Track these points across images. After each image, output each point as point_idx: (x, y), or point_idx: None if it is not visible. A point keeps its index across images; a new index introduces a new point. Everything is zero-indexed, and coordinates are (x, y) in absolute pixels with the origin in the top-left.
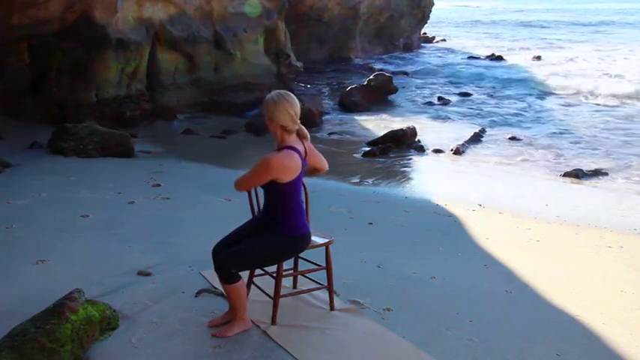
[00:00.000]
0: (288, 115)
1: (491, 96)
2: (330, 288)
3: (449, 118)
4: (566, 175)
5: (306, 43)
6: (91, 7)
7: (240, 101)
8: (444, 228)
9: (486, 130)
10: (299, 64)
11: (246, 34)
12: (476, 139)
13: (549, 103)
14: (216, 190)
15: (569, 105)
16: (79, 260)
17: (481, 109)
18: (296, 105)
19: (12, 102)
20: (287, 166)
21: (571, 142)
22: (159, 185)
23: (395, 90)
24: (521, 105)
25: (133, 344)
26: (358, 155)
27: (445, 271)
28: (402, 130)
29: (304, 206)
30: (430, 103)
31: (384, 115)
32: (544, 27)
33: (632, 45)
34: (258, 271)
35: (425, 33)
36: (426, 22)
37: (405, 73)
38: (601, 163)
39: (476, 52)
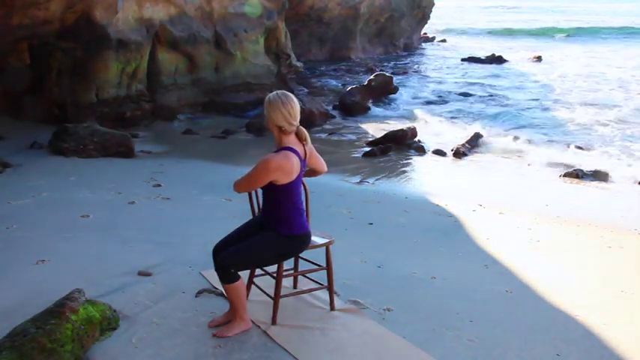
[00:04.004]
0: (283, 116)
1: (491, 96)
2: (330, 288)
3: (449, 118)
4: (567, 175)
5: (306, 44)
6: (91, 8)
7: (240, 101)
8: (444, 228)
9: (487, 130)
10: (299, 64)
11: (246, 34)
12: (476, 139)
13: (549, 104)
14: (216, 190)
15: (570, 106)
16: (79, 260)
17: (481, 110)
18: (293, 106)
19: (12, 102)
20: (284, 168)
21: (571, 143)
22: (159, 185)
23: (395, 90)
24: (521, 106)
25: (133, 344)
26: (358, 155)
27: (445, 271)
28: (402, 130)
29: (304, 206)
30: (431, 104)
31: (384, 116)
32: (545, 27)
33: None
34: (258, 271)
35: (425, 33)
36: (426, 22)
37: (405, 73)
38: (601, 163)
39: (476, 53)
